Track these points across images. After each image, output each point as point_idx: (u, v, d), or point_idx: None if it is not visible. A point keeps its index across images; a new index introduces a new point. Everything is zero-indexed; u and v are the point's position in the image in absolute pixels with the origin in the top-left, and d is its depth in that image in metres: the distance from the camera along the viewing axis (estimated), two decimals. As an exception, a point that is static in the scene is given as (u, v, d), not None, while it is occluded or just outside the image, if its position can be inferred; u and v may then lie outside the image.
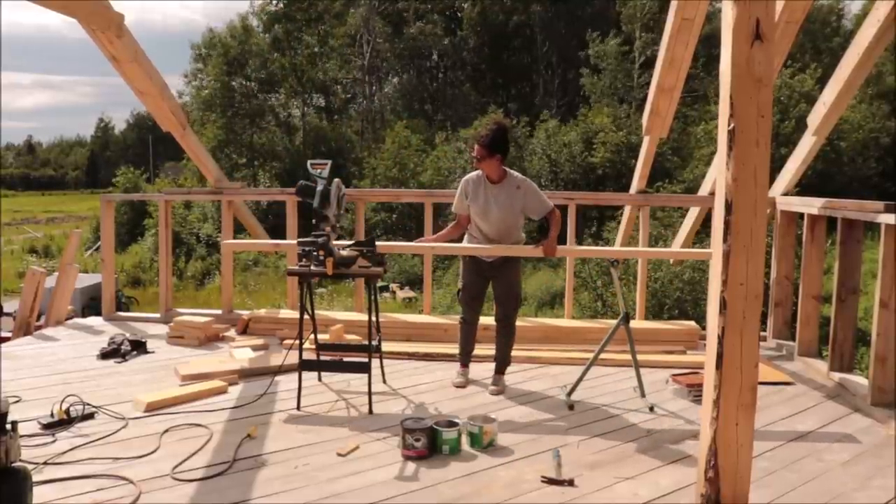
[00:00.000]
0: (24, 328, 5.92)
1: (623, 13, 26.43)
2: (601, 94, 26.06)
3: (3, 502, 2.48)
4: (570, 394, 4.07)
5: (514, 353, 4.71)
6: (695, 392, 4.08)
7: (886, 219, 3.83)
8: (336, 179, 4.02)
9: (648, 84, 6.54)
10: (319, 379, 4.42)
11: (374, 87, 34.67)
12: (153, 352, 5.15)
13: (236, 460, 3.23)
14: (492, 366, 4.56)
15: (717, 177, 2.63)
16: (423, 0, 32.50)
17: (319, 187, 3.91)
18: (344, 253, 3.99)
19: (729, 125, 2.51)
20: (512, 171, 4.25)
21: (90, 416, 3.73)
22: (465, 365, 4.55)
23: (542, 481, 3.05)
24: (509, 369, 4.63)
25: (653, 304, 10.57)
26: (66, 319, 6.19)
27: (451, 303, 15.13)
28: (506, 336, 4.45)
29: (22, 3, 3.95)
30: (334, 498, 2.91)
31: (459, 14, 33.92)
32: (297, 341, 4.00)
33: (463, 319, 4.50)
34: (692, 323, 5.67)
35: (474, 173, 4.30)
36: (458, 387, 4.39)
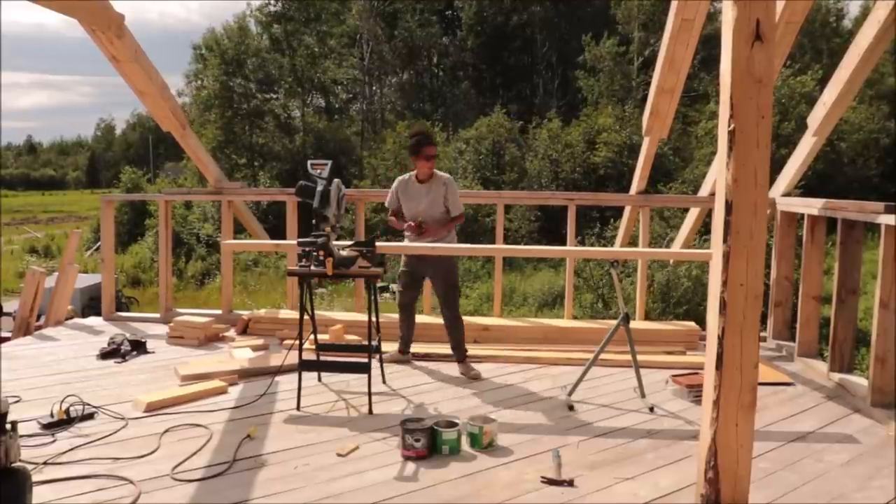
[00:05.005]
0: (24, 328, 5.92)
1: (619, 13, 26.41)
2: (599, 95, 26.04)
3: (3, 502, 2.48)
4: (570, 394, 4.07)
5: (514, 353, 4.93)
6: (695, 392, 4.08)
7: (886, 219, 3.83)
8: (336, 180, 4.02)
9: (647, 84, 6.54)
10: (319, 379, 4.43)
11: (374, 87, 34.67)
12: (153, 352, 5.15)
13: (236, 460, 3.23)
14: (494, 366, 4.71)
15: (717, 177, 2.63)
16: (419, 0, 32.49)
17: (319, 188, 3.91)
18: (344, 253, 3.99)
19: (729, 126, 2.51)
20: (438, 172, 4.68)
21: (90, 416, 3.73)
22: (403, 351, 4.92)
23: (542, 481, 3.05)
24: (510, 369, 4.71)
25: (657, 304, 10.49)
26: (66, 319, 6.19)
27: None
28: (456, 330, 4.69)
29: (21, 3, 3.95)
30: (334, 498, 2.91)
31: (460, 14, 33.91)
32: (297, 341, 4.00)
33: (399, 304, 4.87)
34: (692, 323, 5.67)
35: (405, 175, 4.76)
36: (389, 361, 4.71)
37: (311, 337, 4.49)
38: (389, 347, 4.89)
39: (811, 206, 4.79)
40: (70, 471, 3.09)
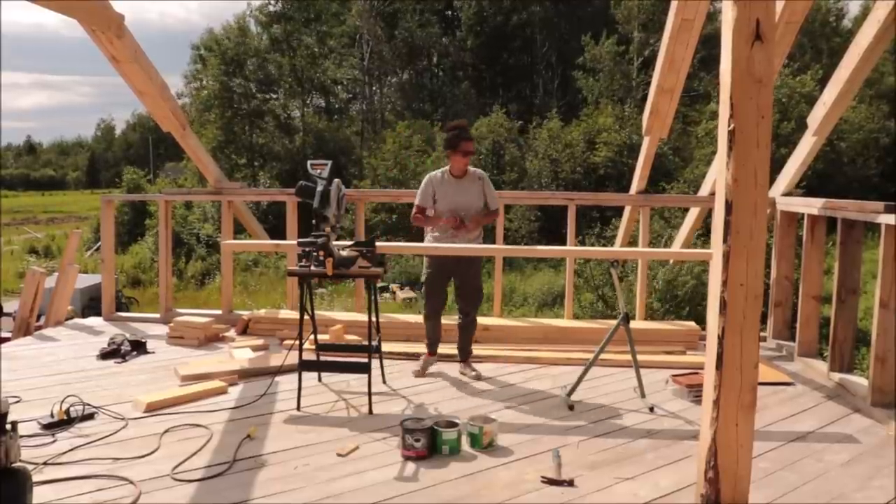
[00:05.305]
0: (24, 328, 5.92)
1: (619, 14, 26.42)
2: (599, 95, 26.06)
3: (4, 502, 2.48)
4: (570, 394, 4.07)
5: (514, 353, 4.98)
6: (695, 392, 4.08)
7: (886, 219, 3.83)
8: (336, 180, 4.03)
9: (647, 84, 6.54)
10: (319, 379, 4.42)
11: (374, 87, 34.67)
12: (153, 352, 5.15)
13: (236, 461, 3.23)
14: (493, 365, 4.73)
15: (717, 177, 2.63)
16: (419, 0, 32.50)
17: (319, 188, 3.91)
18: (344, 253, 3.99)
19: (729, 126, 2.51)
20: (471, 167, 4.57)
21: (90, 417, 3.73)
22: (432, 353, 4.74)
23: (542, 481, 3.05)
24: (510, 369, 4.72)
25: (661, 304, 10.45)
26: (66, 320, 6.19)
27: (450, 304, 15.01)
28: (469, 331, 4.68)
29: (21, 3, 3.95)
30: (334, 498, 2.91)
31: (459, 14, 33.93)
32: (297, 342, 4.00)
33: (429, 310, 4.65)
34: (692, 323, 5.68)
35: (436, 171, 4.60)
36: (417, 375, 4.56)
37: (311, 337, 4.49)
38: (389, 348, 4.89)
39: (811, 206, 4.79)
40: (70, 471, 3.09)
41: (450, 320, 5.43)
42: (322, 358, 4.39)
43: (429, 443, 3.29)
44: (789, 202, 5.21)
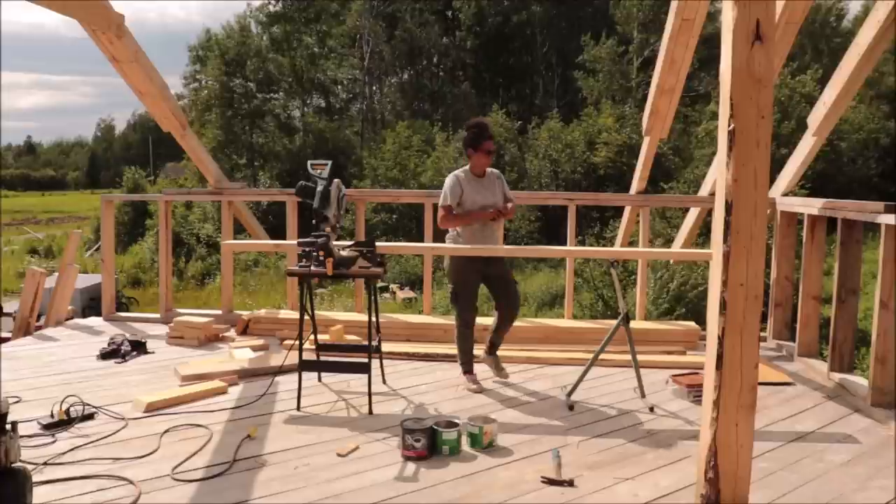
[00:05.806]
0: (24, 328, 5.92)
1: (619, 14, 26.44)
2: (599, 95, 26.06)
3: (4, 502, 2.48)
4: (570, 394, 4.07)
5: (514, 353, 4.95)
6: (695, 392, 4.08)
7: (886, 219, 3.83)
8: (336, 180, 4.02)
9: (647, 84, 6.54)
10: (319, 379, 4.43)
11: (374, 87, 34.69)
12: (153, 352, 5.15)
13: (236, 461, 3.23)
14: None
15: (717, 177, 2.63)
16: (419, 0, 32.52)
17: (319, 188, 3.91)
18: (344, 253, 3.99)
19: (729, 126, 2.51)
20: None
21: (90, 417, 3.73)
22: (472, 371, 4.46)
23: (542, 482, 3.05)
24: (510, 369, 4.71)
25: (666, 304, 10.41)
26: (66, 320, 6.19)
27: (450, 303, 14.92)
28: (510, 327, 4.52)
29: (20, 3, 3.95)
30: (334, 498, 2.91)
31: (460, 15, 33.95)
32: (297, 342, 4.00)
33: (466, 323, 4.40)
34: (692, 323, 5.68)
35: (458, 171, 4.45)
36: (477, 392, 4.29)
37: (311, 337, 4.49)
38: (389, 348, 4.89)
39: (811, 206, 4.79)
40: (70, 471, 3.09)
41: (450, 320, 5.44)
42: (322, 358, 4.38)
43: (429, 443, 3.29)
44: (789, 202, 5.21)
